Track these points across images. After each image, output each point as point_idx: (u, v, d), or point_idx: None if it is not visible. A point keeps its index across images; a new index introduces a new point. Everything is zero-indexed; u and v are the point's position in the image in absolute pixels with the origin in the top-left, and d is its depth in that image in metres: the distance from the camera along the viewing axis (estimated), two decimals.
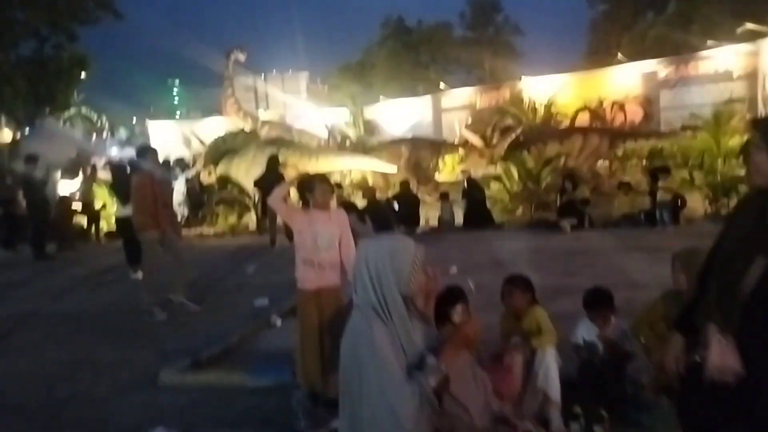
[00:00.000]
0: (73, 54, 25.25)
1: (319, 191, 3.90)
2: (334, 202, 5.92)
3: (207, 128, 20.26)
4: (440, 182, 15.51)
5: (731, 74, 16.46)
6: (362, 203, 10.15)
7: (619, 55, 20.42)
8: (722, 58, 16.77)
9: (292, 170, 11.62)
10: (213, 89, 39.46)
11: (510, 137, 13.91)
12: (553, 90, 18.84)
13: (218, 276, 8.50)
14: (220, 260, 9.72)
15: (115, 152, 23.94)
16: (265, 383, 4.40)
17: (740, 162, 11.41)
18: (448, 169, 17.13)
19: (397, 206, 11.30)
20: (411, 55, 38.53)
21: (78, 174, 13.73)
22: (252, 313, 6.32)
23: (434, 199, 13.47)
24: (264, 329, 5.80)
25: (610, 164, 14.86)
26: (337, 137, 17.58)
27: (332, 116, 20.95)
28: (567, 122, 16.80)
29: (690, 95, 17.16)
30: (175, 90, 60.72)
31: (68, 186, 13.14)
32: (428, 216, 12.31)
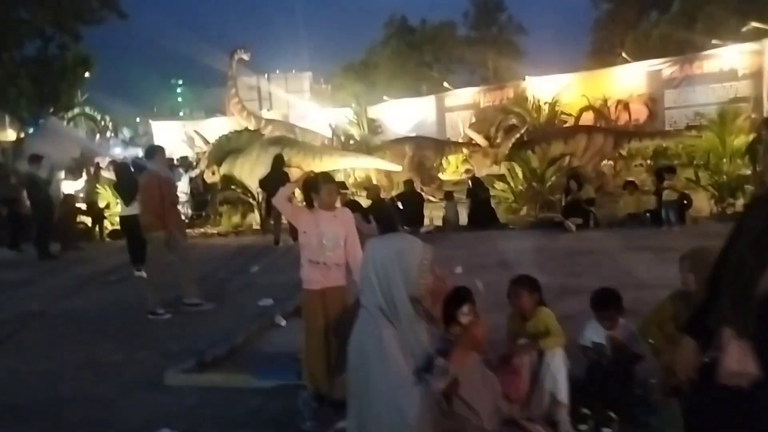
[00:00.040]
0: (77, 54, 25.29)
1: (325, 191, 3.87)
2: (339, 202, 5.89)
3: (210, 128, 20.29)
4: (444, 181, 15.49)
5: (736, 73, 16.40)
6: (366, 203, 10.13)
7: (624, 54, 20.35)
8: (727, 57, 16.71)
9: (296, 170, 11.58)
10: (216, 89, 39.59)
11: (514, 136, 13.86)
12: (557, 89, 18.79)
13: (222, 276, 8.50)
14: (224, 260, 9.71)
15: (119, 152, 23.99)
16: (271, 384, 4.38)
17: (746, 161, 11.34)
18: (452, 169, 17.12)
19: (401, 206, 11.27)
20: (414, 55, 38.53)
21: (81, 174, 13.73)
22: (256, 313, 6.30)
23: (438, 199, 13.44)
24: (268, 329, 5.79)
25: (615, 164, 14.82)
26: (341, 136, 17.56)
27: (336, 116, 20.94)
28: (571, 121, 16.75)
29: (695, 94, 17.11)
30: (179, 90, 60.85)
31: (72, 185, 13.14)
32: (432, 215, 12.27)
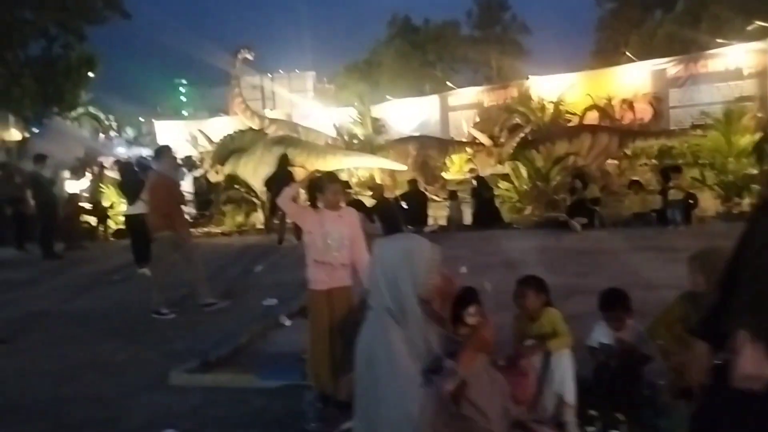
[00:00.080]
0: (82, 53, 25.32)
1: (331, 191, 3.85)
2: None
3: (214, 128, 20.27)
4: (447, 181, 15.45)
5: (741, 72, 16.34)
6: (370, 202, 10.10)
7: (628, 54, 20.28)
8: (732, 56, 16.65)
9: (300, 169, 11.57)
10: (220, 89, 39.56)
11: (518, 136, 13.82)
12: (561, 89, 18.74)
13: (226, 275, 8.47)
14: (228, 259, 9.70)
15: (123, 151, 24.03)
16: (275, 384, 4.36)
17: (752, 161, 11.29)
18: (455, 168, 17.07)
19: (405, 205, 11.24)
20: (418, 54, 38.46)
21: (85, 173, 13.75)
22: (261, 313, 6.29)
23: (442, 198, 13.41)
24: (273, 329, 5.76)
25: (619, 163, 14.76)
26: (345, 136, 17.54)
27: (339, 115, 20.91)
28: (575, 121, 16.70)
29: (700, 93, 17.04)
30: (182, 89, 60.90)
31: (76, 185, 13.15)
32: (436, 215, 12.25)
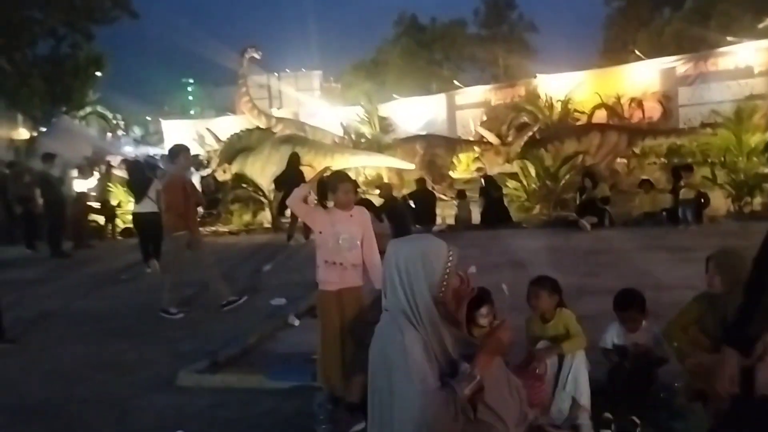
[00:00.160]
0: (89, 53, 25.45)
1: (342, 190, 3.80)
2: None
3: (221, 127, 20.28)
4: (455, 180, 15.38)
5: (752, 70, 16.19)
6: (378, 201, 10.04)
7: (637, 52, 20.14)
8: (742, 54, 16.50)
9: (308, 168, 11.54)
10: (227, 88, 39.71)
11: (526, 134, 13.75)
12: (569, 87, 18.64)
13: (234, 275, 8.43)
14: (236, 259, 9.67)
15: (130, 150, 24.11)
16: (285, 385, 4.33)
17: (763, 159, 11.17)
18: (463, 167, 17.00)
19: (413, 204, 11.19)
20: (424, 53, 38.42)
21: (93, 172, 13.77)
22: (269, 313, 6.26)
23: (449, 197, 13.34)
24: (282, 329, 5.74)
25: (628, 162, 14.65)
26: (352, 135, 17.51)
27: (346, 114, 20.88)
28: (584, 120, 16.59)
29: (709, 92, 16.89)
30: (189, 89, 61.11)
31: (84, 184, 13.17)
32: (444, 214, 12.19)
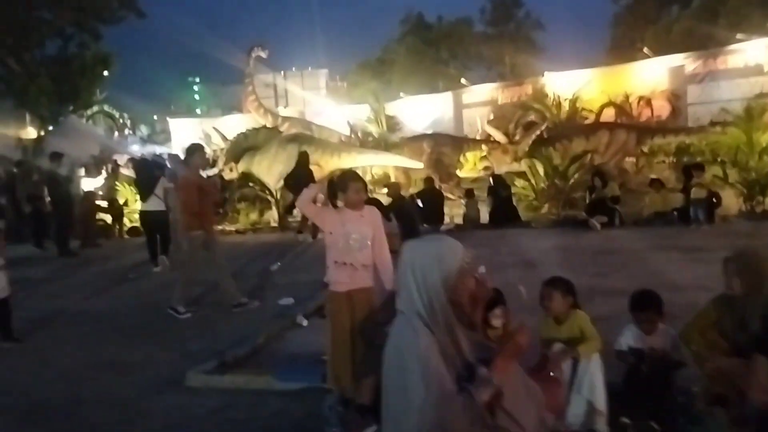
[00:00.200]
0: (97, 53, 25.51)
1: (353, 190, 3.75)
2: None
3: (227, 126, 20.29)
4: (462, 179, 15.29)
5: (762, 68, 16.07)
6: (386, 200, 9.98)
7: (646, 50, 19.99)
8: (752, 52, 16.38)
9: (315, 167, 11.50)
10: (233, 87, 39.71)
11: (534, 133, 13.66)
12: (577, 85, 18.53)
13: (242, 274, 8.39)
14: (243, 258, 9.62)
15: (137, 149, 24.14)
16: (294, 386, 4.28)
17: None
18: (470, 166, 16.91)
19: (421, 203, 11.12)
20: (431, 52, 38.27)
21: (101, 171, 13.79)
22: (277, 313, 6.21)
23: (456, 196, 13.27)
24: (290, 329, 5.69)
25: (637, 161, 14.54)
26: (359, 133, 17.46)
27: (352, 113, 20.83)
28: (592, 118, 16.48)
29: (719, 90, 16.77)
30: (196, 87, 61.24)
31: (91, 183, 13.19)
32: (452, 213, 12.12)
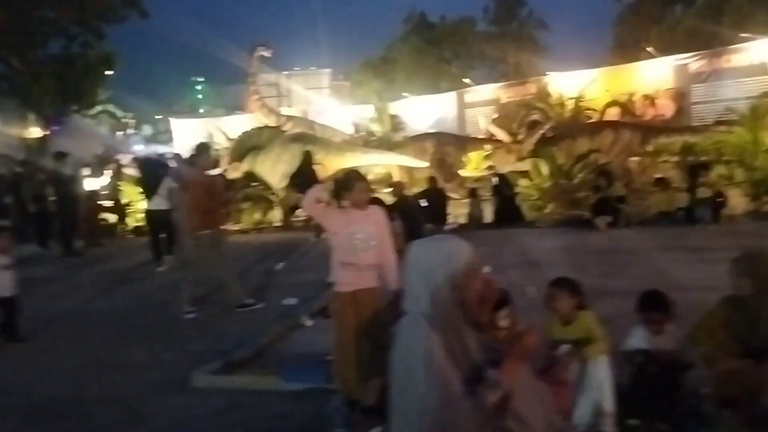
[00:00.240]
0: (100, 52, 25.54)
1: (358, 189, 3.74)
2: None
3: (230, 125, 20.25)
4: (465, 178, 15.25)
5: (766, 67, 15.95)
6: (389, 200, 9.96)
7: (650, 49, 19.92)
8: (757, 51, 16.28)
9: (319, 167, 11.47)
10: (236, 86, 39.72)
11: (538, 132, 13.59)
12: (581, 85, 18.46)
13: (245, 273, 8.37)
14: (247, 257, 9.61)
15: (140, 149, 24.17)
16: (299, 387, 4.27)
17: None
18: (472, 165, 16.87)
19: (425, 203, 11.08)
20: (434, 51, 38.21)
21: (104, 171, 13.79)
22: (281, 313, 6.19)
23: (460, 196, 13.23)
24: (294, 330, 5.68)
25: (641, 160, 14.46)
26: (363, 133, 17.41)
27: (355, 112, 20.80)
28: (596, 117, 16.41)
29: (723, 89, 16.67)
30: (199, 87, 61.31)
31: (95, 182, 13.19)
32: (455, 213, 12.08)
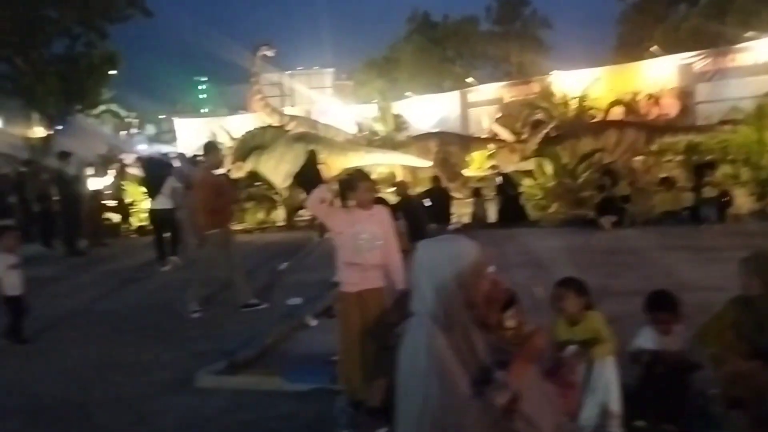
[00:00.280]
0: (104, 52, 25.58)
1: (363, 189, 3.72)
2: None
3: (233, 125, 20.24)
4: (468, 178, 15.21)
5: None
6: (393, 199, 9.94)
7: (655, 47, 19.85)
8: (762, 50, 16.20)
9: (323, 166, 11.44)
10: (239, 86, 39.70)
11: (541, 132, 13.55)
12: (584, 84, 18.40)
13: (249, 273, 8.34)
14: (251, 257, 9.57)
15: (143, 148, 24.20)
16: (304, 388, 4.26)
17: None
18: (476, 165, 16.83)
19: (428, 202, 11.06)
20: (437, 50, 38.17)
21: (107, 170, 13.80)
22: (285, 313, 6.18)
23: (463, 195, 13.20)
24: (298, 330, 5.66)
25: (645, 159, 14.41)
26: (366, 132, 17.39)
27: (358, 112, 20.78)
28: (600, 116, 16.36)
29: (728, 88, 16.58)
30: (202, 87, 61.39)
31: (99, 182, 13.20)
32: (459, 212, 12.05)
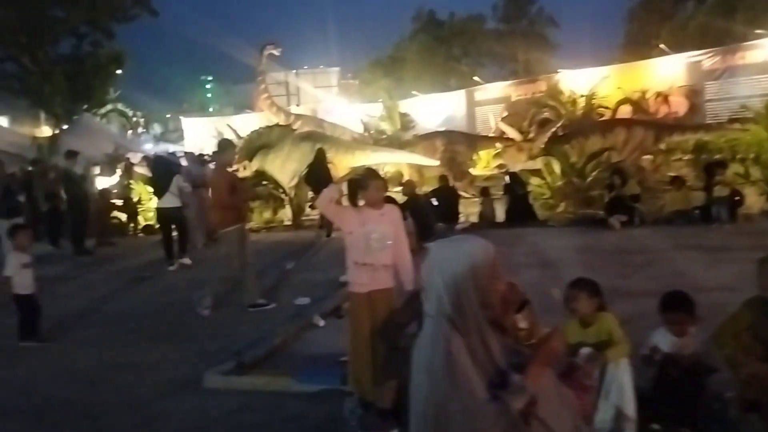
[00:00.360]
0: (110, 51, 25.68)
1: (373, 187, 3.69)
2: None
3: (240, 124, 20.25)
4: (475, 177, 15.15)
5: None
6: (400, 198, 9.90)
7: (662, 46, 19.74)
8: None
9: (330, 165, 11.42)
10: (245, 85, 39.78)
11: (549, 130, 13.48)
12: (592, 82, 18.33)
13: (256, 273, 8.32)
14: (258, 257, 9.53)
15: (150, 148, 24.23)
16: (313, 388, 4.22)
17: None
18: (483, 164, 16.77)
19: (436, 201, 11.01)
20: (443, 49, 38.12)
21: (115, 170, 13.82)
22: (293, 313, 6.15)
23: (470, 194, 13.14)
24: (307, 330, 5.64)
25: (654, 158, 14.31)
26: (372, 131, 17.37)
27: (364, 111, 20.74)
28: (608, 115, 16.27)
29: (737, 86, 16.50)
30: (208, 86, 61.47)
31: (106, 181, 13.22)
32: (466, 211, 11.99)
